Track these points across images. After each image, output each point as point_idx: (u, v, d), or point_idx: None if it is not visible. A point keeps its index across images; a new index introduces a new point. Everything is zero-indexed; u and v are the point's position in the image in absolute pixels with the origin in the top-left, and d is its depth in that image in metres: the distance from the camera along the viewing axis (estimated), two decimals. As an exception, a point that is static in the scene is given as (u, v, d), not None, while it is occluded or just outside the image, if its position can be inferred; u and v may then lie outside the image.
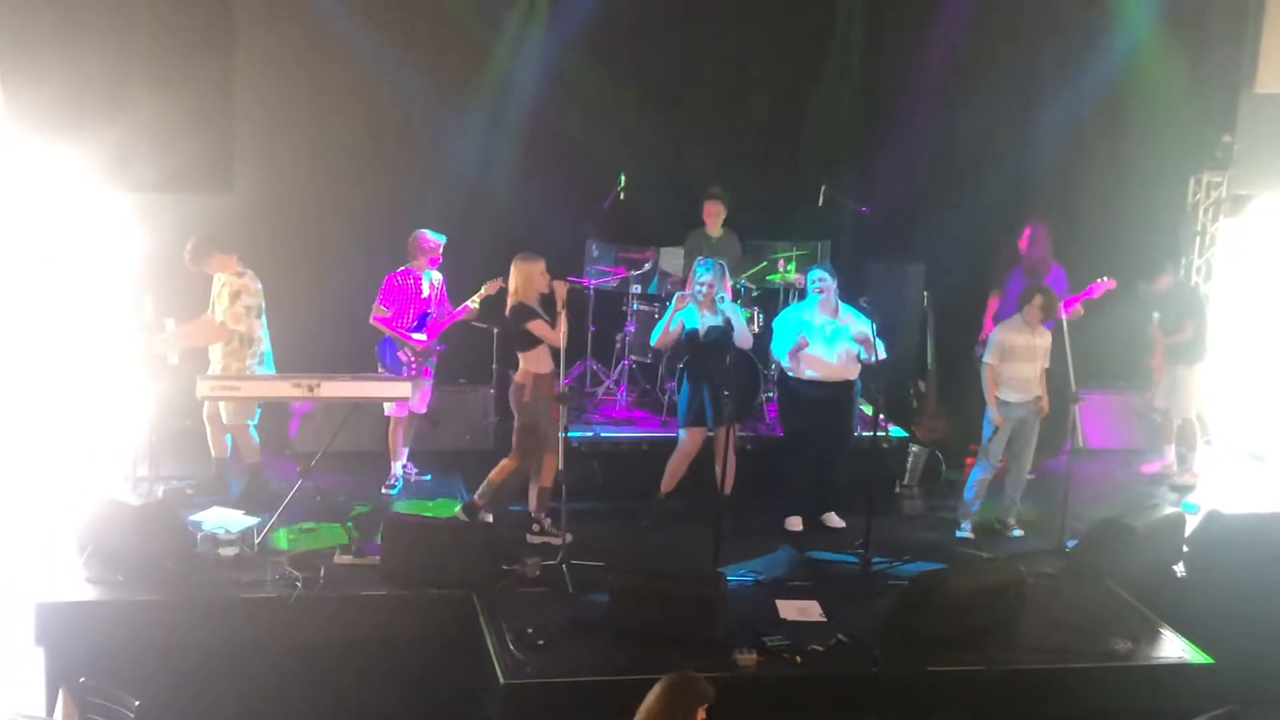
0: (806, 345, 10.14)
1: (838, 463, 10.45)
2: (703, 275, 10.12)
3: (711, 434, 10.26)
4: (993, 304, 11.77)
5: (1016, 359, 10.23)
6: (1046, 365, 10.35)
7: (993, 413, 10.28)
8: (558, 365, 9.54)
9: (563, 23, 12.13)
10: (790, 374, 10.30)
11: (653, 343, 10.52)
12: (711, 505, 9.80)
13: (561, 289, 9.59)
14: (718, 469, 10.03)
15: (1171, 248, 12.67)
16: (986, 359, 10.33)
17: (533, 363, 9.64)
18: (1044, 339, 10.31)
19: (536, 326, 9.54)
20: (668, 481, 10.37)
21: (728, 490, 10.00)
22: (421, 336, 10.57)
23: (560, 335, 9.48)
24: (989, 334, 10.72)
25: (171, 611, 8.44)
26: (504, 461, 9.88)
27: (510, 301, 9.66)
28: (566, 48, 12.18)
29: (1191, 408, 11.96)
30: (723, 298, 10.20)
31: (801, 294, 11.37)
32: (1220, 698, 8.00)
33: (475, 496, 9.89)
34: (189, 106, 11.13)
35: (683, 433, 10.35)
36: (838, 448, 10.43)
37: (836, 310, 10.22)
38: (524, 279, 9.62)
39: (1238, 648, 8.81)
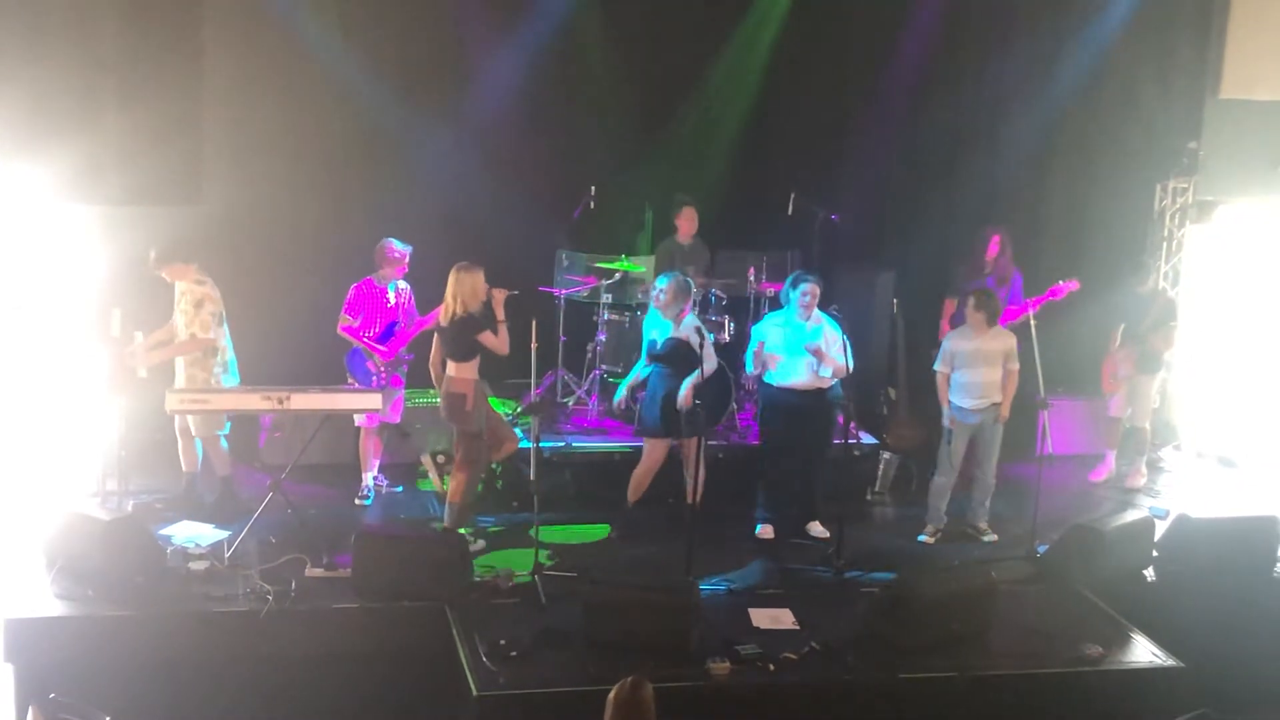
0: (763, 349, 10.13)
1: (816, 472, 10.46)
2: (660, 283, 10.10)
3: (676, 444, 10.26)
4: (949, 308, 11.80)
5: (967, 365, 10.30)
6: (1013, 368, 10.38)
7: (945, 415, 10.35)
8: (528, 374, 9.56)
9: (533, 33, 12.13)
10: (769, 381, 10.26)
11: (616, 400, 10.56)
12: (682, 515, 9.83)
13: (500, 296, 9.64)
14: (687, 479, 10.03)
15: (1139, 253, 12.73)
16: (936, 366, 10.44)
17: (469, 371, 9.66)
18: (1001, 341, 10.35)
19: (487, 338, 9.56)
20: (633, 492, 10.35)
21: (697, 501, 10.01)
22: (383, 348, 10.54)
23: (505, 344, 9.61)
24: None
25: (142, 626, 8.41)
26: (456, 480, 9.88)
27: (454, 311, 9.63)
28: (537, 59, 12.17)
29: (1148, 415, 12.03)
30: (691, 320, 10.18)
31: (773, 302, 11.40)
32: (1191, 702, 8.05)
33: (445, 524, 9.88)
34: (157, 118, 11.08)
35: (646, 444, 10.34)
36: (817, 455, 10.43)
37: (816, 320, 10.22)
38: (471, 289, 9.60)
39: (1208, 652, 8.87)
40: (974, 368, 10.30)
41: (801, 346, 10.11)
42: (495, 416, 10.12)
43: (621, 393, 10.47)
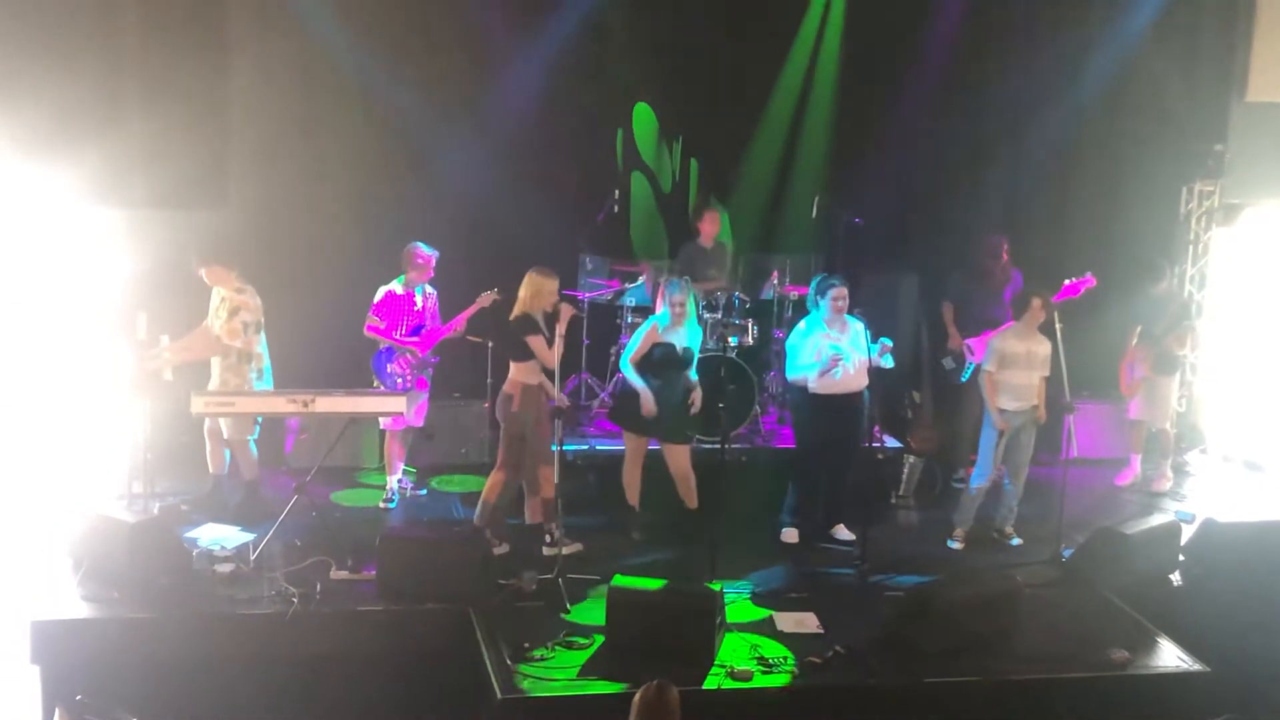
0: (838, 363, 10.07)
1: (847, 474, 10.44)
2: (676, 294, 10.06)
3: (657, 448, 10.25)
4: (948, 311, 11.76)
5: (1015, 366, 10.24)
6: (1046, 374, 10.35)
7: (994, 418, 10.28)
8: (550, 380, 9.58)
9: (556, 37, 12.13)
10: (810, 389, 10.22)
11: (624, 367, 10.24)
12: (704, 519, 9.83)
13: (567, 312, 9.64)
14: (679, 487, 10.06)
15: (1165, 256, 12.67)
16: (986, 366, 10.34)
17: (523, 374, 9.63)
18: (1044, 347, 10.31)
19: (535, 342, 9.52)
20: (630, 493, 10.34)
21: (692, 505, 10.06)
22: (416, 339, 10.56)
23: (555, 356, 9.53)
24: (971, 341, 10.96)
25: (167, 628, 8.42)
26: (492, 478, 9.88)
27: (516, 310, 9.64)
28: (559, 62, 12.17)
29: (1169, 417, 12.02)
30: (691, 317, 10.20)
31: (796, 305, 11.38)
32: (1216, 706, 8.02)
33: (475, 520, 9.88)
34: (182, 122, 11.16)
35: (624, 438, 10.31)
36: (848, 459, 10.39)
37: (846, 324, 10.20)
38: (534, 291, 9.60)
39: (1234, 656, 8.82)
40: (1022, 369, 10.25)
41: (848, 349, 10.08)
42: (541, 440, 9.86)
43: (631, 352, 10.16)
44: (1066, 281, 11.14)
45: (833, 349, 10.04)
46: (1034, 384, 10.28)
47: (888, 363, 10.09)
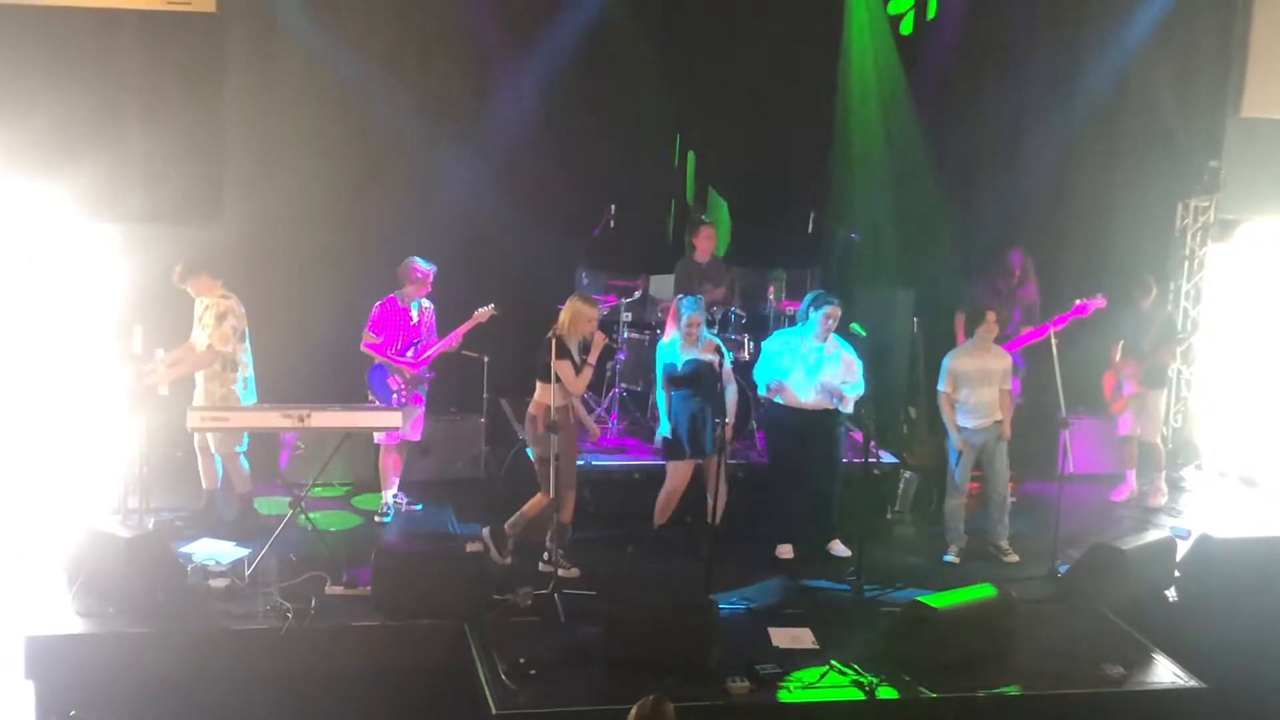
0: (779, 388, 10.14)
1: (833, 489, 10.43)
2: (690, 312, 10.07)
3: (700, 463, 10.25)
4: (959, 321, 11.76)
5: (971, 384, 10.26)
6: (1007, 387, 10.35)
7: (954, 437, 10.33)
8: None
9: (552, 53, 12.14)
10: (777, 400, 10.27)
11: (662, 434, 10.33)
12: (702, 534, 9.80)
13: (600, 340, 9.65)
14: (709, 498, 10.02)
15: (1160, 272, 12.68)
16: (940, 387, 10.38)
17: (547, 395, 9.53)
18: (1002, 361, 10.35)
19: (564, 368, 9.46)
20: (660, 514, 10.32)
21: (717, 521, 9.99)
22: (409, 358, 10.56)
23: (581, 384, 9.56)
24: None
25: (162, 643, 8.42)
26: (536, 496, 9.82)
27: (553, 331, 9.59)
28: (556, 77, 12.18)
29: (1159, 431, 12.02)
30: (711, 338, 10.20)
31: (793, 321, 11.38)
32: (1212, 723, 8.03)
33: (505, 525, 9.85)
34: (179, 138, 11.17)
35: (670, 466, 10.27)
36: (830, 473, 10.40)
37: (834, 345, 10.19)
38: (573, 317, 9.57)
39: (1230, 672, 8.80)
40: (979, 387, 10.27)
41: (814, 367, 10.07)
42: (568, 465, 9.79)
43: (666, 429, 10.28)
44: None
45: (791, 355, 10.09)
46: (994, 399, 10.30)
47: (844, 411, 10.15)
